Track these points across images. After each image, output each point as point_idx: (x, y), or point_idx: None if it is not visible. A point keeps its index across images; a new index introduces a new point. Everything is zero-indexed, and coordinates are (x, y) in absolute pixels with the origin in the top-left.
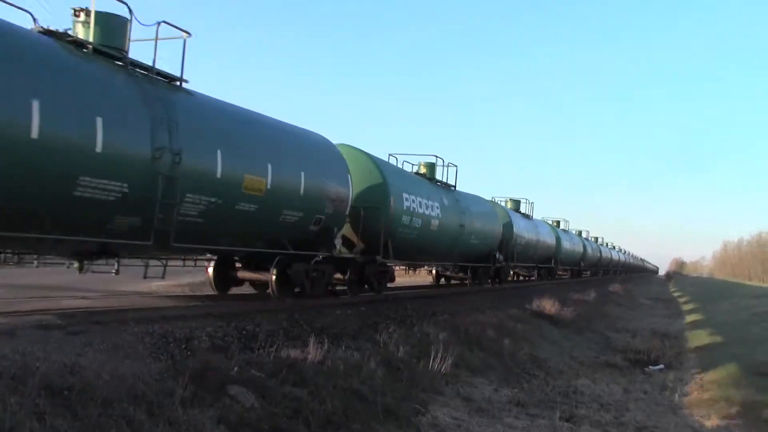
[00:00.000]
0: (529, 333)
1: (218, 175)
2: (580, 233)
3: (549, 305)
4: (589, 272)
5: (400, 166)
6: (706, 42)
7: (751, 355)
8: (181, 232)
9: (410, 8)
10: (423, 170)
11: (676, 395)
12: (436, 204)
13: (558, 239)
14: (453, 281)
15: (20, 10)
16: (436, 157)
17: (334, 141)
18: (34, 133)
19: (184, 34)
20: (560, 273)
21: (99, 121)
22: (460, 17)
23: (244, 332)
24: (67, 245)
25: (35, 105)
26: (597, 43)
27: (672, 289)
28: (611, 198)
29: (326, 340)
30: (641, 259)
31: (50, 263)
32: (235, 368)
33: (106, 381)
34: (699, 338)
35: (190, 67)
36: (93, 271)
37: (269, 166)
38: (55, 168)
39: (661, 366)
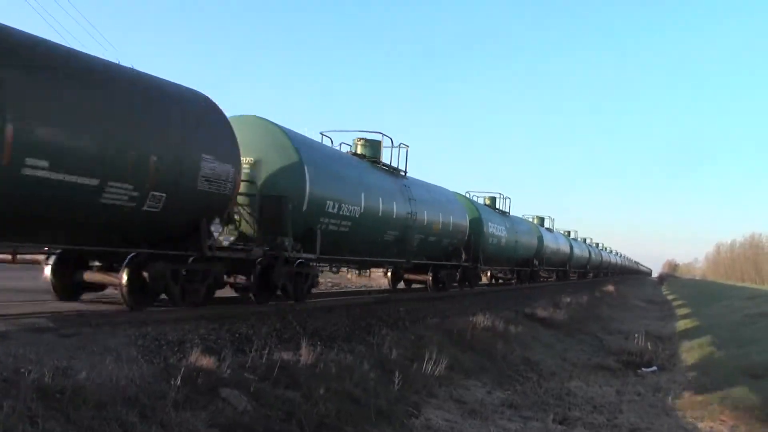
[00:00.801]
0: (521, 335)
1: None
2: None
3: (541, 308)
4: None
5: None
6: (700, 45)
7: (744, 357)
8: None
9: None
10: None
11: (670, 397)
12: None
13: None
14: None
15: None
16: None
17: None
18: (379, 210)
19: (406, 146)
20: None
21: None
22: (447, 9)
23: (237, 335)
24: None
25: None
26: (591, 44)
27: (665, 291)
28: (603, 199)
29: (319, 343)
30: (634, 261)
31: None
32: (228, 371)
33: (98, 384)
34: (692, 340)
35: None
36: None
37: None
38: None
39: (654, 368)
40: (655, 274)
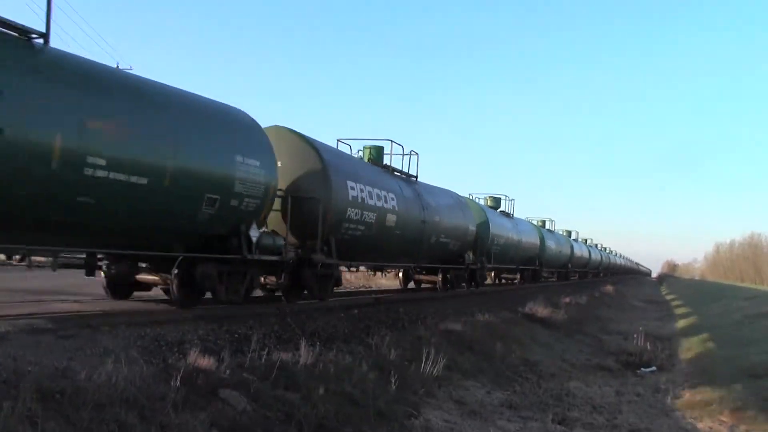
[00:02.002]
0: (520, 336)
1: None
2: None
3: (540, 308)
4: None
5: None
6: (699, 45)
7: (743, 357)
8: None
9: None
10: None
11: (669, 397)
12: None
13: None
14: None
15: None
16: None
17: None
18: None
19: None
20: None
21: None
22: (445, 10)
23: (236, 335)
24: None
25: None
26: (591, 45)
27: (664, 292)
28: (602, 200)
29: (318, 344)
30: (633, 261)
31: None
32: (227, 372)
33: (97, 385)
34: (691, 340)
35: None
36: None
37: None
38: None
39: (654, 368)
40: (654, 275)
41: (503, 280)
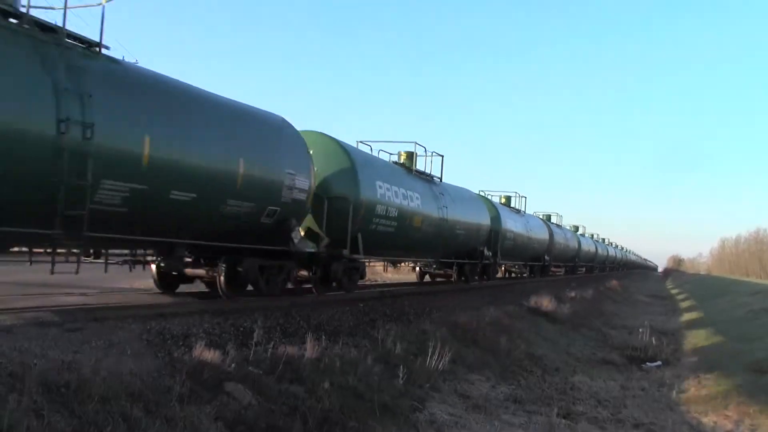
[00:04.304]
0: (525, 330)
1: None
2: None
3: (545, 302)
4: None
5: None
6: (703, 40)
7: (748, 352)
8: None
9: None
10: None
11: (674, 392)
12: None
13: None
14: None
15: None
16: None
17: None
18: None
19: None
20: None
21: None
22: (456, 13)
23: (241, 329)
24: None
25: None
26: (596, 40)
27: (669, 286)
28: (608, 195)
29: (323, 337)
30: (639, 255)
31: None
32: (232, 365)
33: (103, 378)
34: (696, 335)
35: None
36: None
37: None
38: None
39: (658, 363)
40: (659, 270)
41: (512, 274)
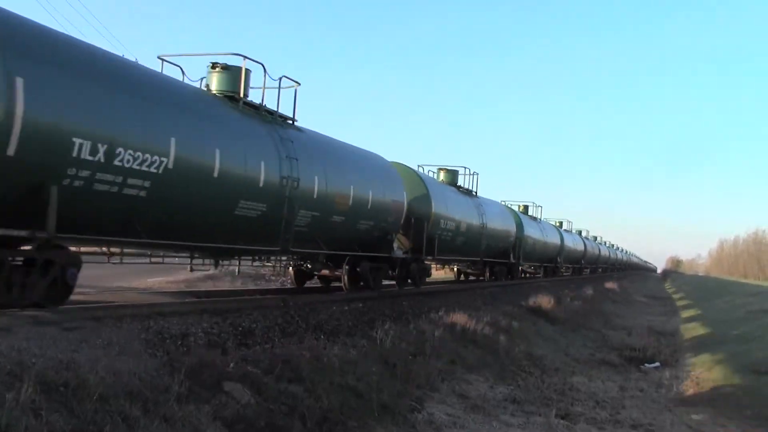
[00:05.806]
0: (524, 330)
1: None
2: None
3: (545, 302)
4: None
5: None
6: (701, 41)
7: (747, 353)
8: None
9: (408, 6)
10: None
11: (672, 393)
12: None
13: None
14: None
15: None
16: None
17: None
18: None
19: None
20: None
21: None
22: (456, 14)
23: (240, 328)
24: None
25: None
26: (590, 39)
27: (668, 287)
28: (607, 196)
29: (322, 337)
30: (638, 257)
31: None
32: (231, 364)
33: (101, 377)
34: (694, 336)
35: None
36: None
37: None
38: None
39: (657, 364)
40: (658, 271)
41: (527, 275)
